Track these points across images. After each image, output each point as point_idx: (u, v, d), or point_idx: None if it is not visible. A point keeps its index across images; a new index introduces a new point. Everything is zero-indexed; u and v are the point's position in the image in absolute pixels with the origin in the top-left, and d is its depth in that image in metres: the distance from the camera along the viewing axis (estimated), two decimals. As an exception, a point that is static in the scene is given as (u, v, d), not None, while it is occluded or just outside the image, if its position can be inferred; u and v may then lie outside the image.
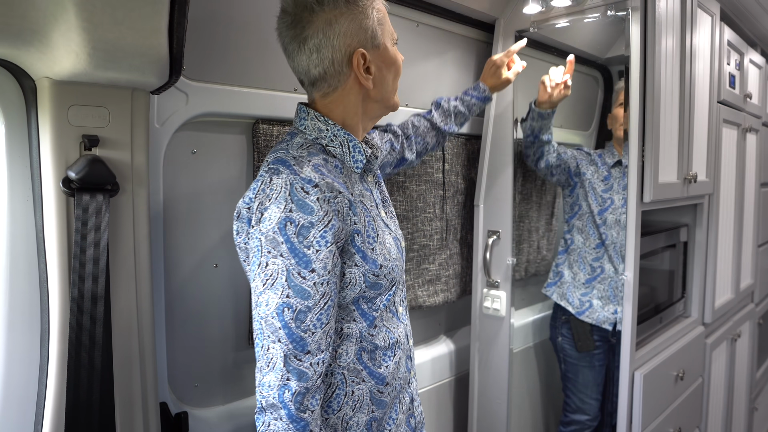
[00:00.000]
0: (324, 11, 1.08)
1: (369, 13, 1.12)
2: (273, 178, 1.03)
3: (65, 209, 1.13)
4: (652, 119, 1.79)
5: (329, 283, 1.03)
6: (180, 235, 1.46)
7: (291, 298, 1.00)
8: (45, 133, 1.11)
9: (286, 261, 1.00)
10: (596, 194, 2.19)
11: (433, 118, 1.72)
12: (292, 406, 0.99)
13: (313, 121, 1.15)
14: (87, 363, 1.13)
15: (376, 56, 1.15)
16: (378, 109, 1.22)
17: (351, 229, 1.07)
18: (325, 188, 1.02)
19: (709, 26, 2.25)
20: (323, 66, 1.11)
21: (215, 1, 1.40)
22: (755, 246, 3.01)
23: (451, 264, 2.21)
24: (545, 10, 1.96)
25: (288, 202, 1.00)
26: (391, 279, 1.16)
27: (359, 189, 1.16)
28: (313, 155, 1.08)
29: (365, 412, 1.16)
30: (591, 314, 2.17)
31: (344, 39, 1.09)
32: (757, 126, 2.93)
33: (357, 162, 1.16)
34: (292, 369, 1.00)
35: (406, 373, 1.25)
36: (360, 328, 1.14)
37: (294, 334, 1.00)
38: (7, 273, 1.15)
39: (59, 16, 0.97)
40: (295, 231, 0.99)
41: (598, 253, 2.19)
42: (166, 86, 1.19)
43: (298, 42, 1.11)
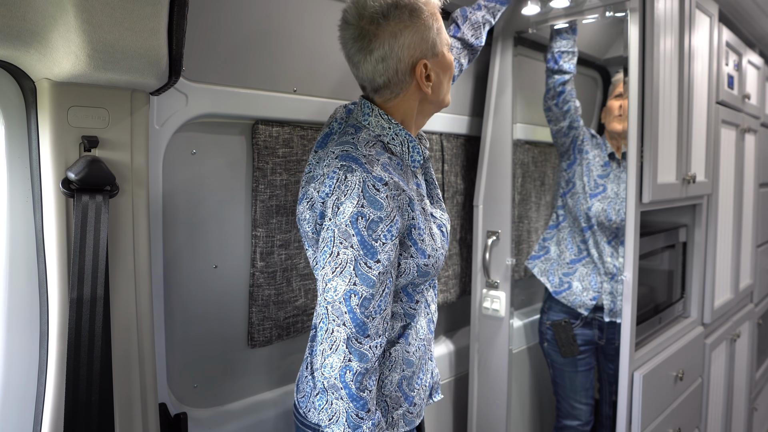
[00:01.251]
0: (389, 24, 1.13)
1: (430, 24, 1.17)
2: (348, 175, 1.10)
3: (65, 210, 1.13)
4: (650, 120, 1.80)
5: (389, 273, 1.12)
6: (179, 236, 1.46)
7: (357, 285, 1.08)
8: (45, 134, 1.11)
9: (356, 252, 1.08)
10: (591, 177, 2.15)
11: (464, 35, 1.66)
12: (352, 385, 1.08)
13: (377, 119, 1.21)
14: (86, 364, 1.13)
15: (435, 63, 1.21)
16: (432, 108, 1.30)
17: (408, 224, 1.16)
18: (393, 186, 1.10)
19: (708, 27, 2.25)
20: (387, 75, 1.17)
21: (215, 2, 1.40)
22: (754, 246, 3.02)
23: (450, 264, 2.21)
24: (544, 11, 1.97)
25: (360, 198, 1.08)
26: (437, 267, 1.24)
27: (412, 183, 1.23)
28: (380, 154, 1.15)
29: (398, 371, 1.25)
30: (568, 296, 2.14)
31: (408, 50, 1.15)
32: (755, 126, 2.93)
33: (414, 161, 1.24)
34: (354, 351, 1.09)
35: (429, 334, 1.34)
36: (404, 307, 1.26)
37: (358, 318, 1.08)
38: (7, 273, 1.15)
39: (59, 18, 0.97)
40: (366, 225, 1.08)
41: (585, 236, 2.16)
42: (166, 87, 1.19)
43: (364, 53, 1.16)
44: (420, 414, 1.33)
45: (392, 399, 1.25)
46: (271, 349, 1.69)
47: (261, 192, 1.55)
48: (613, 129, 2.16)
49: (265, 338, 1.61)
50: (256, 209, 1.56)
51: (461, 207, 2.24)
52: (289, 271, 1.64)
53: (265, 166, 1.55)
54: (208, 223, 1.51)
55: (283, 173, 1.59)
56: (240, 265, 1.57)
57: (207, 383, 1.56)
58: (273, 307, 1.61)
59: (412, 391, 1.29)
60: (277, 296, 1.62)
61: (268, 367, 1.69)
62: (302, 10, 1.59)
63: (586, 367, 2.21)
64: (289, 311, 1.65)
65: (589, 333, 2.17)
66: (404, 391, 1.27)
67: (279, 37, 1.55)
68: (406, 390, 1.27)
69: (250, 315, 1.59)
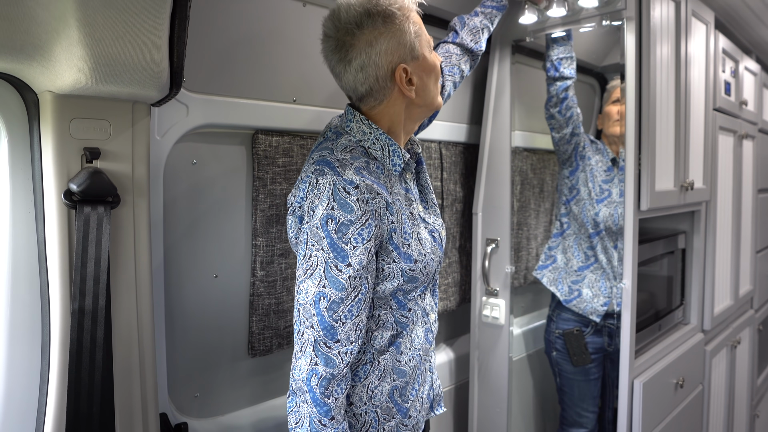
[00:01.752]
0: (364, 33, 1.14)
1: (406, 28, 1.17)
2: (319, 179, 1.11)
3: (66, 221, 1.14)
4: (648, 127, 1.81)
5: (362, 278, 1.11)
6: (180, 246, 1.47)
7: (327, 288, 1.09)
8: (47, 146, 1.12)
9: (326, 254, 1.09)
10: (596, 182, 2.15)
11: (463, 40, 1.64)
12: (317, 389, 1.08)
13: (358, 124, 1.22)
14: (87, 374, 1.14)
15: (416, 66, 1.21)
16: (421, 112, 1.29)
17: (389, 228, 1.15)
18: (364, 190, 1.10)
19: (704, 34, 2.27)
20: (369, 83, 1.18)
21: (215, 13, 1.42)
22: (754, 252, 3.02)
23: (450, 272, 2.21)
24: (541, 20, 1.98)
25: (330, 201, 1.09)
26: (427, 273, 1.23)
27: (397, 188, 1.23)
28: (355, 158, 1.16)
29: (388, 381, 1.24)
30: (579, 303, 2.14)
31: (386, 56, 1.16)
32: (753, 132, 2.94)
33: (396, 165, 1.23)
34: (320, 354, 1.09)
35: (426, 344, 1.32)
36: (395, 315, 1.23)
37: (326, 321, 1.09)
38: (9, 284, 1.16)
39: (62, 32, 0.99)
40: (336, 227, 1.08)
41: (593, 242, 2.16)
42: (167, 99, 1.20)
43: (343, 64, 1.18)
44: (417, 427, 1.31)
45: (383, 410, 1.24)
46: (272, 358, 1.69)
47: (261, 201, 1.56)
48: (613, 133, 2.17)
49: (265, 347, 1.61)
50: (256, 218, 1.56)
51: (460, 215, 2.25)
52: (289, 280, 1.65)
53: (265, 176, 1.56)
54: (209, 232, 1.52)
55: (283, 182, 1.60)
56: (240, 274, 1.58)
57: (208, 393, 1.56)
58: (273, 315, 1.62)
59: (406, 402, 1.27)
60: (277, 305, 1.62)
61: (269, 376, 1.70)
62: (301, 21, 1.60)
63: (595, 376, 2.20)
64: (290, 320, 1.66)
65: (599, 341, 2.17)
66: (396, 402, 1.25)
67: (278, 47, 1.57)
68: (399, 401, 1.26)
69: (250, 324, 1.59)
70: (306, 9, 1.60)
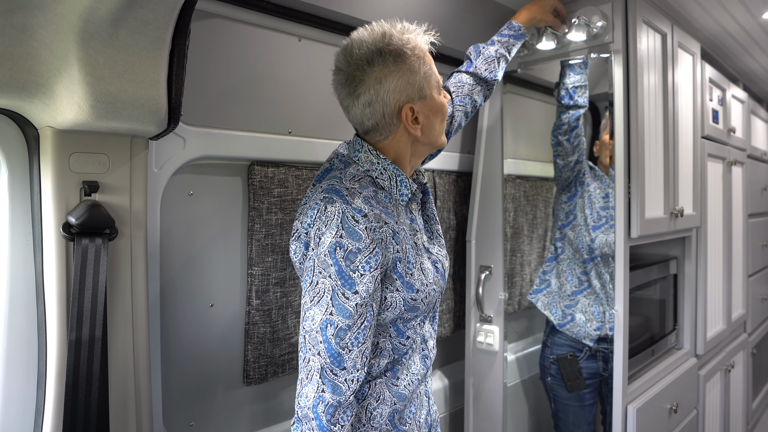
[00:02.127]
0: (374, 70, 1.16)
1: (416, 68, 1.19)
2: (327, 206, 1.12)
3: (65, 253, 1.16)
4: (636, 156, 1.85)
5: (368, 305, 1.11)
6: (176, 276, 1.48)
7: (334, 315, 1.09)
8: (46, 180, 1.14)
9: (333, 282, 1.09)
10: (593, 210, 2.17)
11: (477, 69, 1.64)
12: (323, 417, 1.08)
13: (366, 154, 1.24)
14: (83, 404, 1.15)
15: (423, 106, 1.22)
16: (426, 150, 1.31)
17: (393, 257, 1.15)
18: (372, 218, 1.11)
19: (691, 65, 2.33)
20: (375, 119, 1.20)
21: (212, 48, 1.46)
22: (746, 276, 3.05)
23: (444, 299, 2.23)
24: (531, 53, 2.03)
25: (339, 229, 1.09)
26: (428, 303, 1.24)
27: (403, 218, 1.24)
28: (364, 188, 1.17)
29: (388, 404, 1.24)
30: (572, 328, 2.15)
31: (394, 95, 1.18)
32: (742, 159, 2.99)
33: (403, 195, 1.24)
34: (327, 381, 1.09)
35: (423, 369, 1.32)
36: (393, 342, 1.24)
37: (333, 349, 1.09)
38: (7, 315, 1.17)
39: (63, 71, 1.02)
40: (344, 255, 1.09)
41: (587, 267, 2.18)
42: (165, 133, 1.23)
43: (352, 98, 1.19)
44: None
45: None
46: (267, 386, 1.70)
47: (257, 231, 1.58)
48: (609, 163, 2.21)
49: (260, 375, 1.62)
50: (252, 248, 1.58)
51: (454, 242, 2.27)
52: (284, 308, 1.66)
53: (260, 206, 1.58)
54: (205, 262, 1.54)
55: (279, 212, 1.62)
56: (236, 303, 1.60)
57: (203, 421, 1.56)
58: (268, 344, 1.63)
59: (404, 425, 1.27)
60: (273, 333, 1.64)
61: (264, 404, 1.70)
62: (296, 55, 1.64)
63: (590, 401, 2.20)
64: (285, 348, 1.67)
65: (593, 366, 2.17)
66: (395, 425, 1.26)
67: (274, 80, 1.61)
68: (398, 424, 1.26)
69: (245, 352, 1.60)
70: (301, 44, 1.64)
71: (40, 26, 0.98)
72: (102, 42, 1.00)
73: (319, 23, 1.65)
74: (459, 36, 1.96)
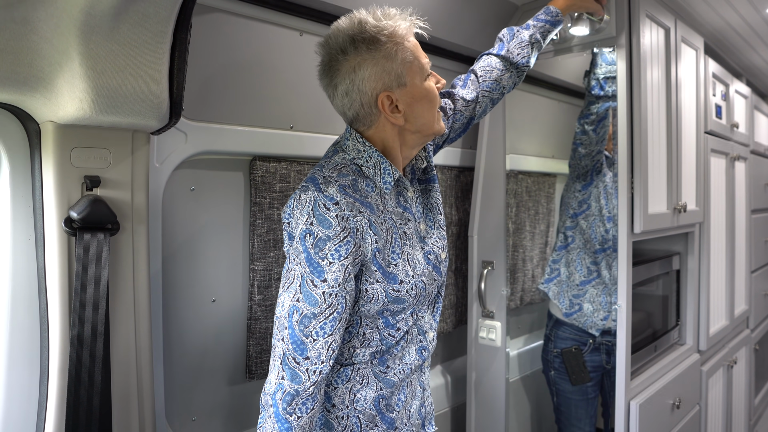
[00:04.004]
0: (348, 59, 1.14)
1: (392, 55, 1.15)
2: (301, 195, 1.12)
3: (66, 248, 1.16)
4: (640, 151, 1.84)
5: (338, 295, 1.09)
6: (178, 271, 1.48)
7: (300, 302, 1.08)
8: (48, 175, 1.14)
9: (302, 268, 1.09)
10: (609, 200, 2.16)
11: (509, 53, 1.55)
12: (280, 405, 1.07)
13: (353, 142, 1.22)
14: (86, 399, 1.15)
15: (404, 94, 1.18)
16: (417, 138, 1.26)
17: (371, 248, 1.13)
18: (345, 207, 1.10)
19: (694, 60, 2.31)
20: (354, 108, 1.18)
21: (214, 43, 1.45)
22: (748, 272, 3.04)
23: (446, 294, 2.23)
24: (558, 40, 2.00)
25: (310, 216, 1.09)
26: (416, 294, 1.22)
27: (392, 206, 1.21)
28: (342, 176, 1.15)
29: (373, 389, 1.22)
30: (579, 317, 2.15)
31: (369, 83, 1.15)
32: (745, 154, 2.98)
33: (386, 183, 1.21)
34: (287, 369, 1.08)
35: (417, 360, 1.30)
36: (381, 333, 1.22)
37: (296, 336, 1.08)
38: (9, 310, 1.17)
39: (64, 65, 1.02)
40: (313, 242, 1.08)
41: (597, 258, 2.17)
42: (166, 128, 1.23)
43: (331, 88, 1.19)
44: None
45: (366, 416, 1.22)
46: (269, 382, 1.70)
47: (258, 226, 1.58)
48: None
49: (262, 370, 1.62)
50: (254, 243, 1.58)
51: (456, 237, 2.27)
52: (286, 303, 1.66)
53: (262, 201, 1.58)
54: (206, 257, 1.53)
55: (280, 207, 1.62)
56: (238, 298, 1.60)
57: (205, 416, 1.56)
58: (270, 339, 1.63)
59: (391, 412, 1.24)
60: (275, 329, 1.63)
61: (266, 399, 1.70)
62: (298, 50, 1.64)
63: (592, 395, 2.20)
64: (287, 343, 1.67)
65: (597, 359, 2.17)
66: (381, 411, 1.23)
67: (276, 75, 1.60)
68: (384, 410, 1.24)
69: (247, 348, 1.60)
70: (303, 38, 1.64)
71: (41, 20, 0.97)
72: (103, 36, 1.00)
73: (321, 18, 1.65)
74: (460, 31, 1.95)
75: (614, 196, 2.14)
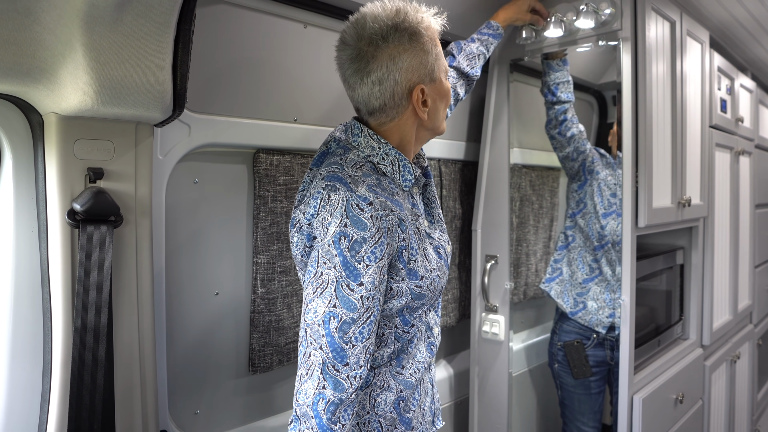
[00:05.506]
0: (389, 46, 1.11)
1: (429, 49, 1.16)
2: (331, 194, 1.07)
3: (70, 240, 1.15)
4: (644, 145, 1.83)
5: (374, 298, 1.07)
6: (182, 264, 1.48)
7: (338, 308, 1.04)
8: (51, 167, 1.14)
9: (338, 273, 1.04)
10: (603, 197, 2.16)
11: (460, 65, 1.66)
12: (324, 415, 1.03)
13: (366, 139, 1.19)
14: (89, 392, 1.14)
15: (432, 89, 1.19)
16: (428, 136, 1.28)
17: (399, 245, 1.11)
18: (378, 206, 1.07)
19: (699, 53, 2.30)
20: (384, 98, 1.15)
21: (217, 35, 1.44)
22: (752, 267, 3.03)
23: (449, 288, 2.22)
24: (539, 40, 2.01)
25: (344, 218, 1.05)
26: (434, 289, 1.21)
27: (406, 203, 1.20)
28: (367, 175, 1.12)
29: (393, 391, 1.20)
30: (584, 315, 2.15)
31: (406, 74, 1.13)
32: (749, 149, 2.97)
33: (406, 181, 1.20)
34: (329, 377, 1.04)
35: (428, 357, 1.30)
36: (397, 332, 1.20)
37: (336, 343, 1.04)
38: (12, 302, 1.17)
39: (67, 56, 1.01)
40: (348, 245, 1.04)
41: (597, 255, 2.17)
42: (170, 120, 1.22)
43: (360, 75, 1.14)
44: None
45: (387, 420, 1.20)
46: (272, 375, 1.70)
47: (262, 219, 1.58)
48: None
49: (266, 364, 1.62)
50: (257, 236, 1.58)
51: (460, 231, 2.26)
52: (289, 297, 1.66)
53: (266, 194, 1.58)
54: (210, 250, 1.53)
55: (284, 200, 1.61)
56: (241, 291, 1.59)
57: (208, 409, 1.56)
58: (274, 332, 1.63)
59: (408, 412, 1.23)
60: (278, 322, 1.63)
61: (269, 392, 1.70)
62: (302, 42, 1.63)
63: (596, 390, 2.20)
64: (290, 337, 1.67)
65: (601, 354, 2.17)
66: (400, 413, 1.22)
67: (280, 68, 1.59)
68: (402, 412, 1.22)
69: (251, 341, 1.60)
70: (307, 30, 1.63)
71: (43, 11, 0.97)
72: (106, 27, 0.99)
73: (325, 10, 1.64)
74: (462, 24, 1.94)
75: (609, 193, 2.16)
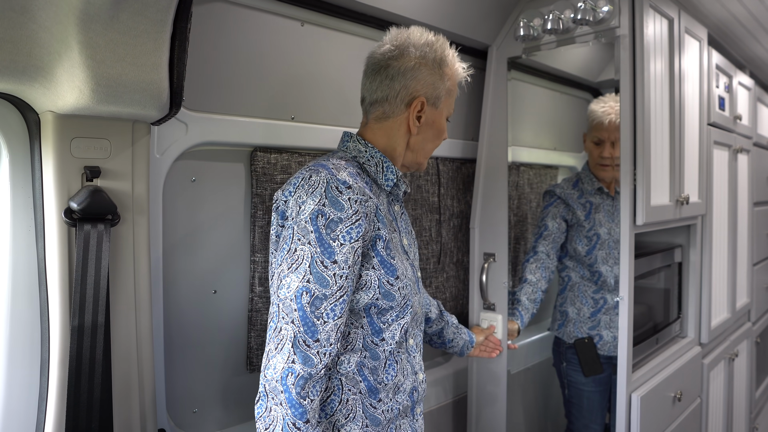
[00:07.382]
0: (415, 57, 1.27)
1: (445, 81, 1.30)
2: (312, 175, 1.14)
3: (67, 239, 1.15)
4: (642, 143, 1.83)
5: (347, 277, 1.11)
6: (179, 262, 1.48)
7: (311, 283, 1.08)
8: (48, 165, 1.14)
9: (313, 249, 1.09)
10: (581, 236, 2.19)
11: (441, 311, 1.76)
12: (293, 389, 1.05)
13: (354, 143, 1.30)
14: (86, 391, 1.14)
15: (431, 113, 1.31)
16: (410, 158, 1.35)
17: (375, 234, 1.17)
18: (357, 191, 1.13)
19: (697, 51, 2.30)
20: (388, 93, 1.28)
21: (214, 33, 1.44)
22: (750, 265, 3.04)
23: (447, 287, 2.22)
24: (537, 38, 2.01)
25: (322, 197, 1.11)
26: (405, 296, 1.23)
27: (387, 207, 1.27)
28: (349, 166, 1.21)
29: (359, 424, 1.20)
30: (603, 346, 2.17)
31: (415, 83, 1.27)
32: (748, 146, 2.97)
33: (388, 180, 1.28)
34: (299, 351, 1.06)
35: (407, 402, 1.29)
36: (364, 335, 1.21)
37: (308, 318, 1.07)
38: (9, 301, 1.17)
39: (63, 54, 1.01)
40: (325, 223, 1.10)
41: (597, 286, 2.19)
42: (167, 118, 1.22)
43: (380, 66, 1.28)
44: None
45: None
46: (270, 374, 1.69)
47: (259, 218, 1.58)
48: (603, 177, 2.23)
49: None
50: (255, 235, 1.58)
51: (457, 229, 2.26)
52: (287, 295, 1.65)
53: (263, 192, 1.58)
54: (207, 249, 1.53)
55: (282, 199, 1.61)
56: (239, 290, 1.59)
57: (206, 408, 1.56)
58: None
59: None
60: (276, 321, 1.63)
61: (267, 391, 1.70)
62: (299, 40, 1.63)
63: (605, 387, 2.21)
64: (288, 335, 1.66)
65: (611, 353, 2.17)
66: None
67: (277, 66, 1.59)
68: None
69: (249, 339, 1.60)
70: (304, 28, 1.63)
71: (39, 8, 0.96)
72: (102, 24, 0.99)
73: (322, 8, 1.63)
74: (461, 21, 1.94)
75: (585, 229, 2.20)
